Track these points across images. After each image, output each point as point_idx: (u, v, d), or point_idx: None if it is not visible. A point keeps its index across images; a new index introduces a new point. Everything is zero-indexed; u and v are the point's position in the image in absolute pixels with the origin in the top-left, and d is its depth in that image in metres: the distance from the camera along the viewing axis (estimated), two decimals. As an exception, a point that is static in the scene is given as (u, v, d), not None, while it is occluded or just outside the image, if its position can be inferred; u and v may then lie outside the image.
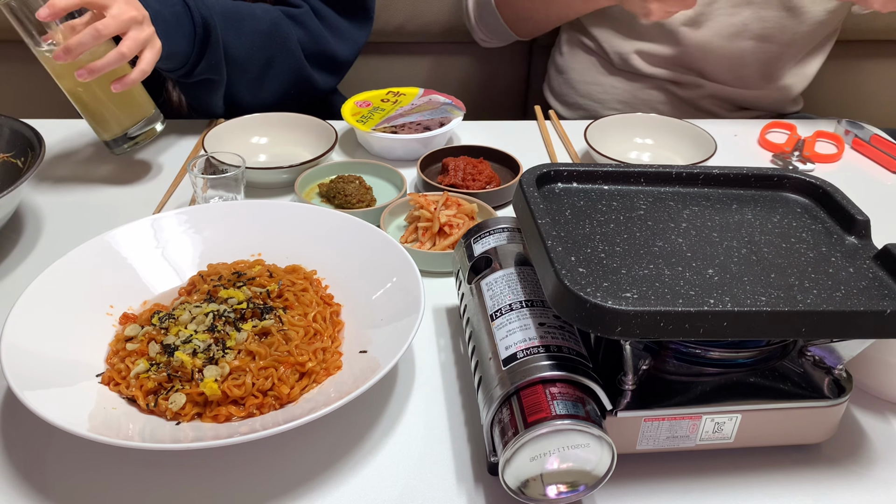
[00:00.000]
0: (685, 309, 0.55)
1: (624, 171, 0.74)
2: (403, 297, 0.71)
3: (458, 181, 0.98)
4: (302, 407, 0.64)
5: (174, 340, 0.68)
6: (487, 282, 0.69)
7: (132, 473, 0.62)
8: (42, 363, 0.64)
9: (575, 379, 0.58)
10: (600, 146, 1.08)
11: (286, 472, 0.63)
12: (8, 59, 1.55)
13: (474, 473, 0.63)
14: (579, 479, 0.57)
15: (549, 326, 0.62)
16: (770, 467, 0.64)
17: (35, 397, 0.59)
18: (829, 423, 0.64)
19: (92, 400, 0.64)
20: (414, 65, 1.65)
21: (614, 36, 1.33)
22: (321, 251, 0.80)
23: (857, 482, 0.64)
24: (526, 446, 0.55)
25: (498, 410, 0.59)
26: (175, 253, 0.80)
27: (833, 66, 1.45)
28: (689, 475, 0.63)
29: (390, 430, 0.67)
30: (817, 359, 0.65)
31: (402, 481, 0.62)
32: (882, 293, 0.61)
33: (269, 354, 0.67)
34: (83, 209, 0.97)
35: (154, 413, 0.64)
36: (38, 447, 0.64)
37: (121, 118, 1.00)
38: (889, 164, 1.13)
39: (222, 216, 0.83)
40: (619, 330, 0.54)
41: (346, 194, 0.94)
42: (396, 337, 0.67)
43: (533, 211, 0.65)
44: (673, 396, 0.61)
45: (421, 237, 0.89)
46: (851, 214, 0.69)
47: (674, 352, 0.64)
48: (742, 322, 0.55)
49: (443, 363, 0.75)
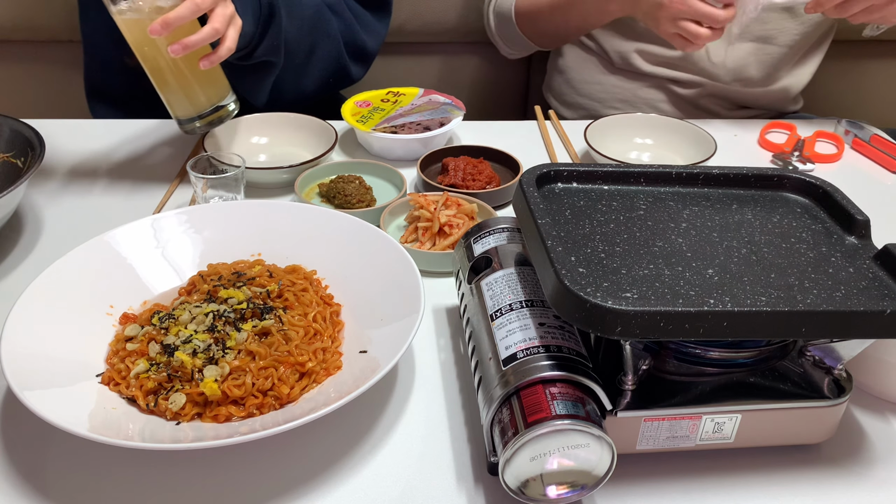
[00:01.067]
0: (685, 309, 0.55)
1: (624, 172, 0.74)
2: (403, 297, 0.71)
3: (458, 181, 0.98)
4: (302, 407, 0.64)
5: (174, 340, 0.68)
6: (487, 282, 0.69)
7: (132, 473, 0.62)
8: (42, 363, 0.64)
9: (575, 379, 0.58)
10: (600, 146, 1.08)
11: (286, 472, 0.63)
12: (8, 59, 1.55)
13: (474, 473, 0.63)
14: (579, 479, 0.57)
15: (549, 326, 0.62)
16: (770, 467, 0.64)
17: (35, 397, 0.59)
18: (829, 423, 0.64)
19: (92, 400, 0.64)
20: (414, 65, 1.65)
21: (614, 36, 1.33)
22: (321, 251, 0.80)
23: (858, 482, 0.64)
24: (526, 446, 0.55)
25: (498, 410, 0.59)
26: (175, 253, 0.80)
27: (833, 66, 1.45)
28: (689, 475, 0.63)
29: (390, 430, 0.67)
30: (817, 359, 0.65)
31: (402, 481, 0.62)
32: (882, 293, 0.61)
33: (269, 354, 0.67)
34: (83, 209, 0.97)
35: (154, 413, 0.64)
36: (38, 447, 0.64)
37: (201, 95, 0.96)
38: (889, 163, 1.13)
39: (222, 216, 0.83)
40: (618, 330, 0.54)
41: (346, 194, 0.94)
42: (396, 337, 0.67)
43: (533, 211, 0.65)
44: (673, 396, 0.61)
45: (421, 237, 0.89)
46: (851, 214, 0.69)
47: (674, 352, 0.64)
48: (742, 322, 0.55)
49: (443, 363, 0.75)
